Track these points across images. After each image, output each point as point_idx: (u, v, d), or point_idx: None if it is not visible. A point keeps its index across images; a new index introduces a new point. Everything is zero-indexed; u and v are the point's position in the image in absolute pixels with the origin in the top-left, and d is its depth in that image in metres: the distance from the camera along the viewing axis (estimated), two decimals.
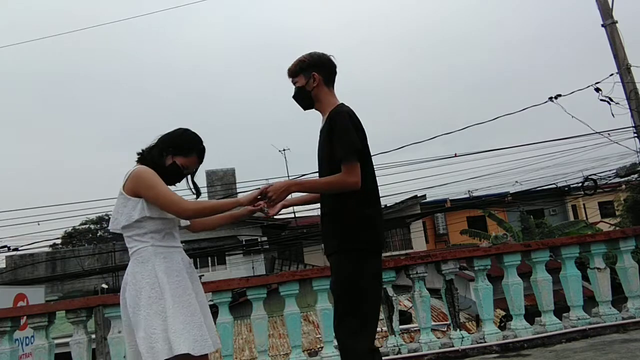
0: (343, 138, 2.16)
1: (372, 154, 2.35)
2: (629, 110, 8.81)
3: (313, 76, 2.34)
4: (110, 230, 2.28)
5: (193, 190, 2.43)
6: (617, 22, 8.90)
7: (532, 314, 4.27)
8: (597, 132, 9.94)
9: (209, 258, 21.45)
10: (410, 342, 4.25)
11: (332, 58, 2.40)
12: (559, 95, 9.81)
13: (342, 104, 2.34)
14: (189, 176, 2.39)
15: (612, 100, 8.91)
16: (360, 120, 2.30)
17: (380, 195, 2.38)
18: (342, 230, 2.20)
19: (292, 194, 2.26)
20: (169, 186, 2.29)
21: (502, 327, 4.45)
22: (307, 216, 21.45)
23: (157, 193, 2.12)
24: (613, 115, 8.84)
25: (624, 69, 8.78)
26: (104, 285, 20.39)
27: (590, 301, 4.45)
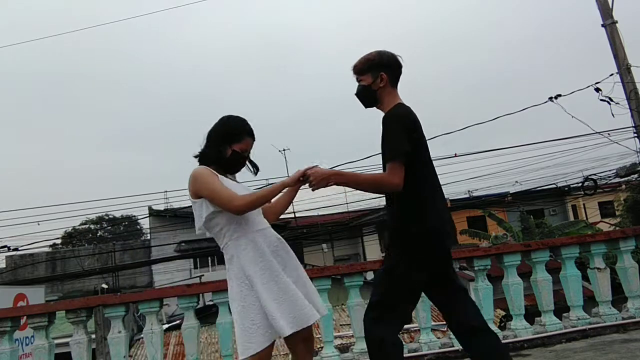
0: (388, 140, 2.19)
1: (370, 155, 2.38)
2: (629, 110, 8.81)
3: (381, 76, 2.33)
4: (197, 235, 2.41)
5: (252, 169, 2.50)
6: (617, 22, 8.90)
7: (532, 314, 4.27)
8: (597, 132, 9.94)
9: (209, 258, 21.44)
10: (410, 342, 4.25)
11: (399, 59, 2.40)
12: (559, 95, 9.81)
13: (398, 104, 2.33)
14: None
15: (612, 100, 8.91)
16: (418, 122, 2.30)
17: (381, 195, 2.39)
18: (402, 239, 2.23)
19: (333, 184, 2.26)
20: (236, 174, 2.43)
21: (502, 327, 4.45)
22: (307, 216, 21.45)
23: (211, 192, 2.19)
24: (613, 115, 8.85)
25: (624, 69, 8.78)
26: (104, 285, 20.39)
27: (590, 301, 4.44)
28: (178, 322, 12.46)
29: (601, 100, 9.01)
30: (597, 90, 9.07)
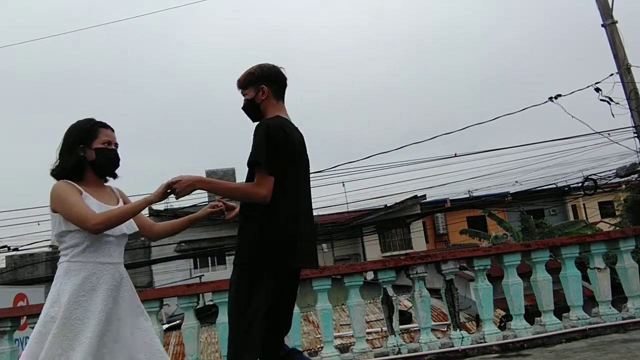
0: (254, 149, 2.15)
1: (370, 155, 2.34)
2: (629, 110, 8.81)
3: (262, 89, 2.32)
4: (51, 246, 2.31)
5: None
6: (617, 22, 8.90)
7: (532, 314, 4.27)
8: (597, 132, 9.94)
9: (209, 258, 21.45)
10: (410, 342, 4.25)
11: (282, 71, 2.40)
12: (559, 95, 9.81)
13: (277, 116, 2.30)
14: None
15: (612, 100, 8.91)
16: (291, 138, 2.23)
17: (381, 195, 2.37)
18: (242, 245, 2.18)
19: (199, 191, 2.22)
20: (112, 175, 2.28)
21: (502, 327, 4.45)
22: None
23: (68, 209, 2.05)
24: (613, 115, 8.85)
25: (624, 69, 8.78)
26: None
27: (590, 301, 4.44)
28: (178, 322, 12.46)
29: (601, 100, 9.01)
30: (597, 90, 9.07)
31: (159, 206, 20.35)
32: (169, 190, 2.11)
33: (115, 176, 2.33)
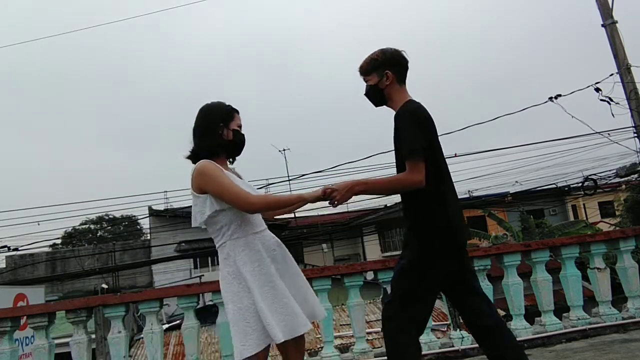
0: (405, 137, 2.17)
1: (370, 155, 2.38)
2: (629, 110, 8.81)
3: (386, 74, 2.32)
4: (192, 227, 2.33)
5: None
6: (617, 22, 8.90)
7: (532, 314, 4.27)
8: (597, 132, 9.94)
9: (209, 258, 21.44)
10: None
11: (404, 54, 2.39)
12: (559, 95, 9.81)
13: (409, 100, 2.32)
14: None
15: (612, 100, 8.91)
16: (431, 117, 2.29)
17: (380, 195, 2.37)
18: (417, 231, 2.25)
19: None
20: (240, 154, 2.37)
21: None
22: (307, 216, 21.46)
23: (222, 188, 2.12)
24: (613, 115, 8.85)
25: (624, 69, 8.78)
26: (104, 285, 20.38)
27: (590, 301, 4.44)
28: (178, 322, 12.45)
29: (601, 100, 9.01)
30: (597, 90, 9.07)
31: (160, 206, 20.34)
32: (323, 196, 2.17)
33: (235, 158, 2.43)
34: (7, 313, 3.94)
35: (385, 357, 3.93)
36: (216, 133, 2.26)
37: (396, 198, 19.80)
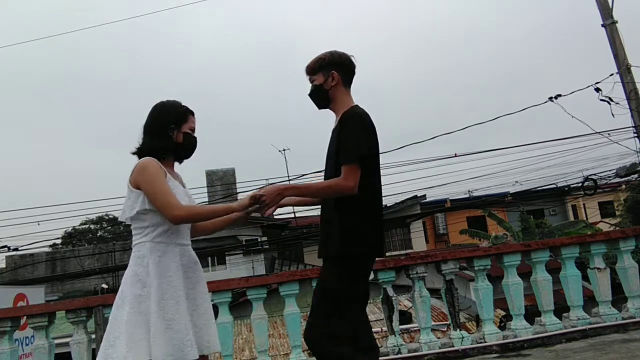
0: (348, 141, 2.11)
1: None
2: (629, 110, 8.81)
3: (332, 75, 2.28)
4: (119, 220, 2.27)
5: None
6: (617, 22, 8.90)
7: (532, 314, 4.27)
8: (597, 132, 9.93)
9: (209, 258, 21.45)
10: (410, 342, 4.25)
11: (352, 58, 2.35)
12: (559, 95, 9.80)
13: (356, 105, 2.28)
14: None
15: (612, 100, 8.90)
16: (374, 126, 2.24)
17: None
18: (333, 237, 2.15)
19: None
20: (190, 157, 2.31)
21: (502, 327, 4.45)
22: (307, 216, 21.45)
23: (155, 191, 2.06)
24: (613, 115, 8.85)
25: (624, 69, 8.78)
26: (104, 285, 20.40)
27: (590, 301, 4.44)
28: None
29: (601, 100, 9.00)
30: (597, 90, 9.07)
31: None
32: (252, 202, 2.08)
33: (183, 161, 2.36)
34: (7, 313, 3.95)
35: (385, 357, 3.94)
36: (166, 134, 2.19)
37: (396, 198, 19.81)
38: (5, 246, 14.12)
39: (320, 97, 2.34)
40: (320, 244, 2.25)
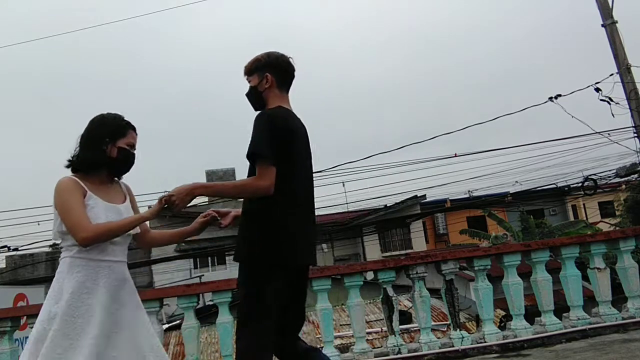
0: (254, 140, 2.08)
1: (370, 155, 2.28)
2: (629, 110, 8.81)
3: (266, 77, 2.26)
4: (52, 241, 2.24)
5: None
6: (617, 22, 8.90)
7: (532, 314, 4.27)
8: (597, 132, 9.92)
9: (209, 258, 21.46)
10: (410, 342, 4.25)
11: (290, 60, 2.33)
12: (559, 95, 9.79)
13: (279, 106, 2.23)
14: None
15: (612, 100, 8.90)
16: (293, 128, 2.18)
17: (381, 195, 2.33)
18: (249, 238, 2.11)
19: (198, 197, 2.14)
20: (124, 174, 2.24)
21: (502, 327, 4.45)
22: None
23: (65, 213, 2.01)
24: (613, 115, 8.84)
25: (624, 69, 8.78)
26: None
27: (590, 301, 4.44)
28: (178, 322, 12.46)
29: (601, 100, 9.00)
30: (597, 90, 9.06)
31: None
32: (166, 205, 2.03)
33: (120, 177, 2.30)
34: (7, 313, 3.95)
35: (385, 357, 3.95)
36: (99, 148, 2.12)
37: (396, 198, 19.82)
38: (5, 246, 14.11)
39: (255, 99, 2.33)
40: (236, 247, 2.19)
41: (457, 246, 20.39)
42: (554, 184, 14.47)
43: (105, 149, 2.13)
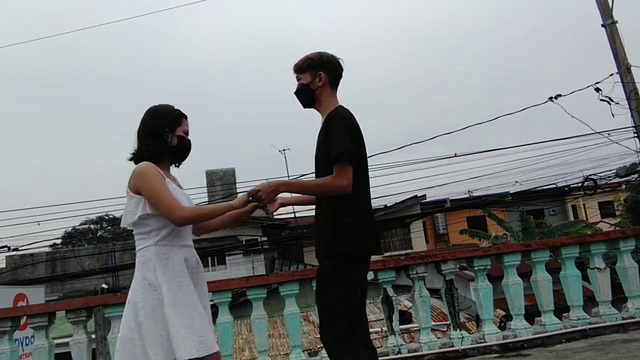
0: (337, 141, 2.13)
1: (370, 155, 2.33)
2: (629, 110, 8.80)
3: (319, 75, 2.31)
4: (121, 227, 2.26)
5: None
6: (617, 22, 8.89)
7: (532, 314, 4.27)
8: (597, 132, 9.92)
9: (209, 258, 21.45)
10: (410, 342, 4.25)
11: (340, 61, 2.39)
12: (559, 95, 9.79)
13: (341, 106, 2.31)
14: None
15: (612, 100, 8.90)
16: (360, 127, 2.27)
17: (381, 195, 2.37)
18: (327, 237, 2.17)
19: (289, 193, 2.27)
20: (185, 160, 2.32)
21: (502, 327, 4.45)
22: (307, 216, 21.45)
23: (155, 194, 2.06)
24: (613, 115, 8.84)
25: (624, 69, 8.78)
26: (104, 285, 20.40)
27: (590, 301, 4.45)
28: None
29: (601, 100, 9.00)
30: (597, 90, 9.06)
31: None
32: (251, 198, 2.13)
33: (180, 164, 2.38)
34: (7, 313, 3.95)
35: (385, 357, 3.94)
36: (161, 138, 2.20)
37: (396, 198, 19.81)
38: (5, 246, 14.11)
39: (306, 97, 2.37)
40: (316, 244, 2.27)
41: (457, 246, 20.39)
42: (554, 184, 14.48)
43: (166, 138, 2.21)
